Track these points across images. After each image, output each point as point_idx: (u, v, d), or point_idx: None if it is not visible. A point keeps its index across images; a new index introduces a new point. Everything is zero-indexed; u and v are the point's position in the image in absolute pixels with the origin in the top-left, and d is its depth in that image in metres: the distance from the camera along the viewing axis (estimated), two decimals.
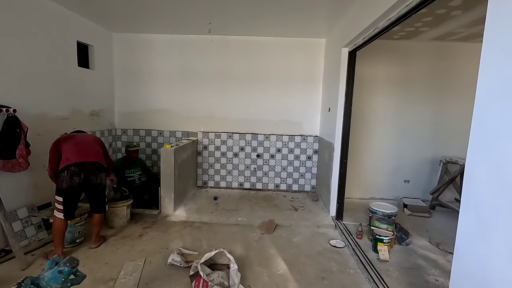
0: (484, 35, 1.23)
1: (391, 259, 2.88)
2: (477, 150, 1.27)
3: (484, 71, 1.23)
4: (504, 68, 1.13)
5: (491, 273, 1.17)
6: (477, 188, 1.26)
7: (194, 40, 4.68)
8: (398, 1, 2.10)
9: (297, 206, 4.24)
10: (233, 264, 2.33)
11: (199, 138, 4.92)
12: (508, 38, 1.11)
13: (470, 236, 1.30)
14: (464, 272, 1.33)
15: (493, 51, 1.19)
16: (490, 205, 1.18)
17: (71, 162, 2.68)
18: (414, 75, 4.44)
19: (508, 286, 1.09)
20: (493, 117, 1.18)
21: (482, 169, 1.23)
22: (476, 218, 1.27)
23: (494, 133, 1.18)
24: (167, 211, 3.74)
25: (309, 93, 4.76)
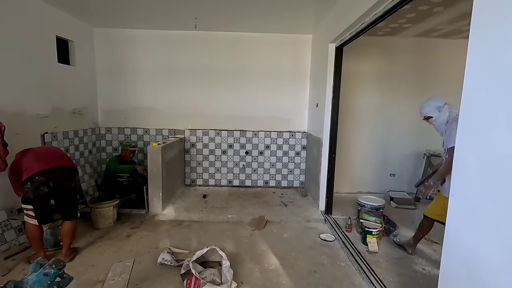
0: (471, 26, 1.26)
1: (380, 250, 2.94)
2: (465, 138, 1.30)
3: (470, 62, 1.26)
4: (490, 59, 1.16)
5: (480, 257, 1.20)
6: (466, 175, 1.30)
7: (180, 35, 4.59)
8: None
9: (287, 202, 4.26)
10: (225, 261, 2.30)
11: (187, 135, 4.84)
12: (494, 29, 1.14)
13: (460, 222, 1.33)
14: (454, 257, 1.37)
15: (480, 42, 1.22)
16: (478, 192, 1.22)
17: (34, 172, 2.42)
18: (399, 70, 4.53)
19: (497, 269, 1.12)
20: (479, 106, 1.21)
21: (470, 157, 1.26)
22: (465, 204, 1.30)
23: (481, 122, 1.21)
24: (155, 210, 3.67)
25: (297, 89, 4.78)
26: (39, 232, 2.53)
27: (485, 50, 1.19)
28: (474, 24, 1.24)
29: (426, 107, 2.63)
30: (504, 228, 1.09)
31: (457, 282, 1.35)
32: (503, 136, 1.09)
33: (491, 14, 1.16)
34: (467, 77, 1.27)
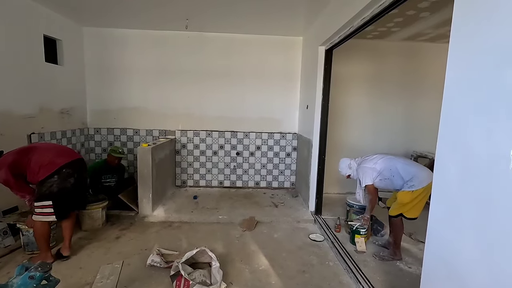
0: (451, 34, 1.31)
1: (368, 250, 3.00)
2: (445, 143, 1.35)
3: (450, 69, 1.32)
4: (467, 66, 1.21)
5: (460, 257, 1.25)
6: (446, 178, 1.34)
7: (171, 36, 4.57)
8: (372, 1, 2.18)
9: (277, 202, 4.29)
10: (214, 262, 2.31)
11: (177, 136, 4.82)
12: (473, 37, 1.19)
13: (441, 223, 1.38)
14: (435, 257, 1.42)
15: (459, 49, 1.27)
16: (458, 193, 1.27)
17: (61, 165, 2.49)
18: (387, 73, 4.62)
19: (476, 269, 1.17)
20: (458, 112, 1.27)
21: (451, 160, 1.31)
22: (446, 206, 1.35)
23: (459, 127, 1.26)
24: (145, 212, 3.64)
25: (287, 91, 4.82)
26: (49, 230, 2.59)
27: (463, 59, 1.24)
28: (453, 33, 1.29)
29: (342, 170, 3.19)
30: (482, 229, 1.14)
31: (438, 280, 1.40)
32: (480, 141, 1.14)
33: (469, 24, 1.21)
34: (446, 85, 1.32)
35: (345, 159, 3.18)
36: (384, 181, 2.87)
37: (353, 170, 3.10)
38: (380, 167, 2.86)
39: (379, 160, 2.90)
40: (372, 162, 2.93)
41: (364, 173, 2.92)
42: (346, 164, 3.14)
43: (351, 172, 3.12)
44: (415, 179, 2.68)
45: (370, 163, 2.94)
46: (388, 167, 2.82)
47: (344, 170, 3.17)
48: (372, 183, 2.88)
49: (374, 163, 2.91)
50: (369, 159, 2.99)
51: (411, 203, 2.69)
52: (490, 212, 1.10)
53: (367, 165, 2.93)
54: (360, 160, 3.08)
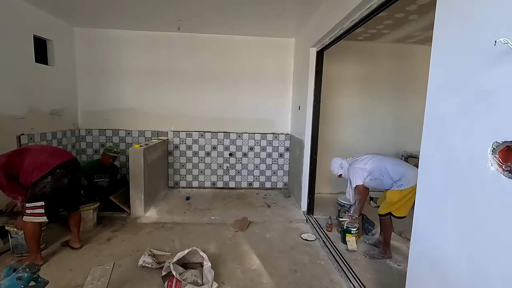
0: (433, 37, 1.35)
1: (359, 248, 3.04)
2: (429, 142, 1.39)
3: (433, 70, 1.36)
4: (449, 68, 1.26)
5: (443, 253, 1.29)
6: (430, 177, 1.38)
7: (164, 37, 4.57)
8: (360, 3, 2.22)
9: (270, 203, 4.31)
10: (206, 262, 2.32)
11: (170, 137, 4.81)
12: (454, 40, 1.23)
13: (425, 221, 1.42)
14: (420, 254, 1.45)
15: (441, 52, 1.31)
16: (442, 192, 1.30)
17: (54, 165, 2.53)
18: (378, 74, 4.69)
19: (457, 266, 1.20)
20: (440, 112, 1.31)
21: (434, 160, 1.35)
22: (430, 204, 1.39)
23: (442, 126, 1.30)
24: (137, 213, 3.63)
25: (280, 92, 4.85)
26: (40, 232, 2.58)
27: (445, 61, 1.29)
28: (436, 35, 1.33)
29: (334, 169, 3.25)
30: (463, 227, 1.17)
31: (422, 277, 1.43)
32: (461, 140, 1.18)
33: (450, 27, 1.26)
34: (429, 87, 1.37)
35: (337, 159, 3.24)
36: (374, 181, 2.92)
37: (344, 170, 3.15)
38: (370, 167, 2.91)
39: (369, 161, 2.95)
40: (363, 162, 2.97)
41: (354, 174, 2.96)
42: (337, 163, 3.20)
43: (342, 172, 3.18)
44: (404, 179, 2.73)
45: (360, 163, 2.98)
46: (378, 167, 2.87)
47: (335, 169, 3.23)
48: (362, 184, 2.93)
49: (364, 163, 2.96)
50: (359, 159, 3.04)
51: (399, 202, 2.74)
52: (470, 210, 1.14)
53: (357, 166, 2.98)
54: (351, 160, 3.13)
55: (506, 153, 1.00)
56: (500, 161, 1.01)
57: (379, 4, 2.11)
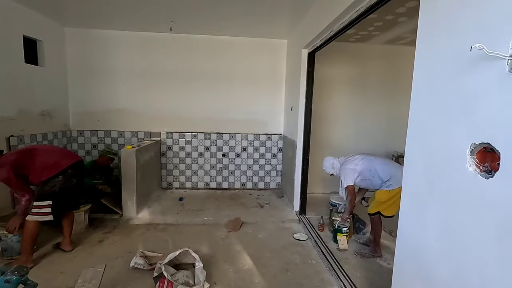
0: (416, 42, 1.39)
1: (350, 248, 3.08)
2: (413, 143, 1.43)
3: (416, 75, 1.40)
4: (430, 72, 1.29)
5: (427, 251, 1.32)
6: (414, 177, 1.42)
7: (157, 37, 4.56)
8: (349, 6, 2.26)
9: (263, 203, 4.33)
10: (198, 263, 2.33)
11: (163, 138, 4.80)
12: (436, 45, 1.27)
13: (410, 220, 1.45)
14: (405, 252, 1.49)
15: (424, 55, 1.35)
16: (425, 192, 1.34)
17: (66, 166, 2.64)
18: (370, 75, 4.75)
19: (440, 263, 1.24)
20: (423, 115, 1.34)
21: (418, 161, 1.39)
22: (414, 203, 1.42)
23: (425, 128, 1.33)
24: (129, 214, 3.61)
25: (273, 93, 4.88)
26: (39, 232, 2.60)
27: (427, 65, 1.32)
28: (419, 40, 1.37)
29: (326, 168, 3.30)
30: (444, 225, 1.21)
31: (407, 275, 1.47)
32: (442, 141, 1.22)
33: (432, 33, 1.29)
34: (414, 88, 1.40)
35: (329, 158, 3.29)
36: (364, 181, 2.97)
37: (335, 169, 3.20)
38: (361, 168, 2.95)
39: (360, 161, 3.00)
40: (354, 163, 3.02)
41: (345, 175, 3.01)
42: (330, 163, 3.25)
43: (334, 172, 3.22)
44: (393, 179, 2.78)
45: (351, 164, 3.03)
46: (368, 168, 2.92)
47: (327, 168, 3.28)
48: (353, 184, 2.97)
49: (355, 164, 3.00)
50: (351, 160, 3.08)
51: (388, 202, 2.79)
52: (450, 210, 1.17)
53: (348, 166, 3.03)
54: (343, 161, 3.17)
55: (483, 154, 1.03)
56: (477, 162, 1.05)
57: (368, 6, 2.14)
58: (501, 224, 0.95)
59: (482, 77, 1.02)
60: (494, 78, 0.97)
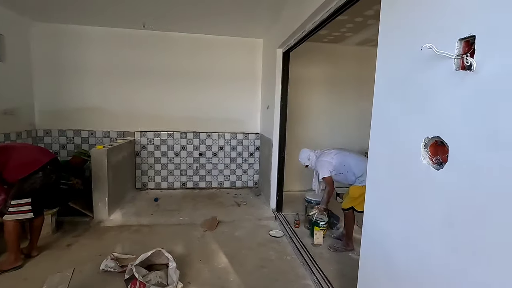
0: (378, 44, 1.46)
1: (324, 242, 3.16)
2: (376, 139, 1.50)
3: (378, 74, 1.47)
4: (390, 72, 1.36)
5: (388, 239, 1.39)
6: (378, 171, 1.49)
7: (132, 34, 4.42)
8: (320, 6, 2.32)
9: (240, 202, 4.34)
10: (171, 263, 2.30)
11: (137, 138, 4.67)
12: (393, 45, 1.34)
13: (373, 209, 1.52)
14: (370, 241, 1.56)
15: (385, 56, 1.42)
16: (387, 185, 1.41)
17: (45, 162, 2.59)
18: (343, 75, 4.89)
19: (400, 248, 1.31)
20: (384, 112, 1.41)
21: (380, 155, 1.46)
22: (378, 195, 1.49)
23: (386, 125, 1.40)
24: (101, 216, 3.49)
25: (250, 91, 4.89)
26: (21, 230, 2.57)
27: (388, 65, 1.39)
28: (380, 41, 1.44)
29: (302, 160, 3.38)
30: (405, 214, 1.28)
31: (372, 263, 1.54)
32: (401, 137, 1.29)
33: (392, 34, 1.36)
34: (376, 87, 1.47)
35: (306, 150, 3.38)
36: (339, 176, 3.06)
37: (311, 161, 3.29)
38: (336, 162, 3.04)
39: (335, 156, 3.08)
40: (330, 156, 3.10)
41: (322, 166, 3.09)
42: (306, 155, 3.34)
43: (309, 163, 3.31)
44: (366, 175, 2.88)
45: (327, 157, 3.11)
46: (343, 163, 3.00)
47: (303, 160, 3.36)
48: (330, 176, 3.06)
49: (331, 157, 3.08)
50: (326, 153, 3.17)
51: (361, 197, 2.88)
52: (409, 200, 1.24)
53: (324, 159, 3.11)
54: (319, 153, 3.25)
55: (435, 147, 1.11)
56: (430, 154, 1.12)
57: (337, 7, 2.21)
58: (449, 212, 1.02)
59: (433, 75, 1.09)
60: (443, 76, 1.04)
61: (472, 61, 0.90)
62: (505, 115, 0.84)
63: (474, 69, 0.91)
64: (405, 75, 1.26)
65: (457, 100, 0.99)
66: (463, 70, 0.96)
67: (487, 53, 0.88)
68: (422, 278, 1.15)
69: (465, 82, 0.96)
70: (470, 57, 0.92)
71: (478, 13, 0.92)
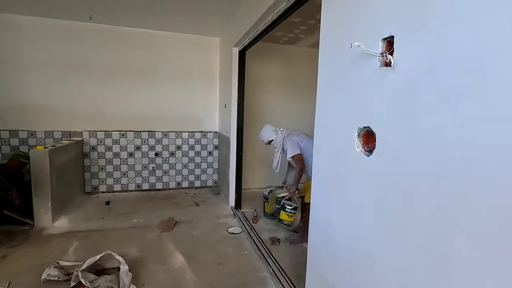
0: (319, 44, 1.56)
1: (283, 234, 3.27)
2: (320, 132, 1.61)
3: (320, 72, 1.58)
4: (329, 69, 1.47)
5: (331, 223, 1.50)
6: (321, 161, 1.59)
7: (79, 27, 4.11)
8: (270, 7, 2.40)
9: (199, 201, 4.29)
10: (123, 265, 2.20)
11: (85, 138, 4.36)
12: (331, 45, 1.45)
13: (319, 197, 1.63)
14: (316, 227, 1.67)
15: (324, 56, 1.53)
16: (328, 172, 1.52)
17: None
18: (299, 76, 5.08)
19: (341, 231, 1.42)
20: (325, 108, 1.53)
21: (323, 146, 1.57)
22: (321, 182, 1.60)
23: (327, 118, 1.51)
24: (43, 223, 3.20)
25: (208, 90, 4.86)
26: None
27: (327, 64, 1.50)
28: (321, 43, 1.55)
29: (266, 135, 3.27)
30: (342, 199, 1.39)
31: (319, 242, 1.64)
32: (339, 128, 1.40)
33: (331, 36, 1.47)
34: (318, 84, 1.57)
35: (269, 126, 3.30)
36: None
37: (278, 136, 3.22)
38: (303, 145, 3.08)
39: (304, 139, 3.13)
40: (299, 137, 3.14)
41: (292, 144, 3.07)
42: (271, 130, 3.25)
43: (275, 138, 3.21)
44: None
45: (297, 137, 3.13)
46: (309, 149, 3.00)
47: (267, 135, 3.25)
48: (300, 153, 3.04)
49: (300, 140, 3.12)
50: (296, 133, 3.20)
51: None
52: (346, 185, 1.36)
53: (294, 138, 3.12)
54: (287, 132, 3.24)
55: (367, 136, 1.23)
56: (362, 143, 1.24)
57: (286, 8, 2.31)
58: (379, 194, 1.14)
59: (363, 72, 1.21)
60: (371, 72, 1.16)
61: (390, 58, 1.03)
62: (418, 106, 0.96)
63: (393, 65, 1.04)
64: (341, 72, 1.37)
65: (381, 93, 1.11)
66: (385, 67, 1.08)
67: (403, 51, 1.01)
68: (359, 257, 1.27)
69: (387, 77, 1.08)
70: (389, 55, 1.04)
71: (396, 16, 1.04)
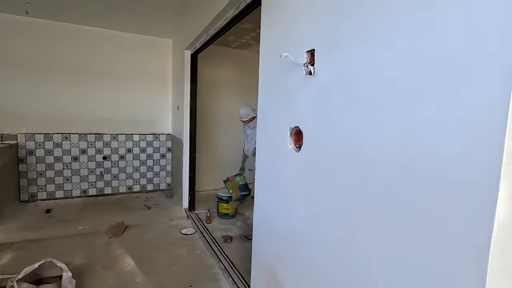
0: (260, 51, 1.73)
1: (236, 232, 3.38)
2: (261, 128, 1.77)
3: (260, 77, 1.75)
4: (267, 75, 1.65)
5: (271, 212, 1.66)
6: (262, 157, 1.76)
7: (12, 20, 3.77)
8: (218, 14, 2.53)
9: (151, 204, 4.21)
10: (66, 273, 2.11)
11: (21, 141, 4.00)
12: (268, 53, 1.62)
13: (260, 188, 1.79)
14: (259, 216, 1.82)
15: (263, 61, 1.70)
16: (268, 166, 1.68)
17: None
18: (249, 80, 5.25)
19: (279, 218, 1.58)
20: (265, 108, 1.70)
21: (265, 141, 1.73)
22: (263, 175, 1.76)
23: (267, 119, 1.68)
24: None
25: (160, 92, 4.80)
26: None
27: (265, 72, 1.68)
28: (261, 51, 1.72)
29: (247, 113, 3.82)
30: (277, 192, 1.56)
31: (261, 228, 1.80)
32: (276, 128, 1.57)
33: (267, 45, 1.65)
34: (259, 88, 1.74)
35: (248, 105, 3.83)
36: None
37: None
38: None
39: None
40: None
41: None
42: (251, 109, 3.76)
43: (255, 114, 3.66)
44: None
45: None
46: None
47: (250, 113, 3.79)
48: None
49: None
50: None
51: None
52: (281, 177, 1.53)
53: None
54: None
55: (297, 135, 1.41)
56: (294, 141, 1.42)
57: (233, 17, 2.46)
58: (306, 182, 1.33)
59: (293, 78, 1.39)
60: (298, 79, 1.35)
61: (311, 68, 1.22)
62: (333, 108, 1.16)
63: (314, 74, 1.23)
64: (276, 78, 1.55)
65: (306, 97, 1.30)
66: (309, 75, 1.27)
67: (321, 62, 1.21)
68: (293, 237, 1.44)
69: (310, 84, 1.27)
70: (310, 65, 1.23)
71: (316, 32, 1.24)
